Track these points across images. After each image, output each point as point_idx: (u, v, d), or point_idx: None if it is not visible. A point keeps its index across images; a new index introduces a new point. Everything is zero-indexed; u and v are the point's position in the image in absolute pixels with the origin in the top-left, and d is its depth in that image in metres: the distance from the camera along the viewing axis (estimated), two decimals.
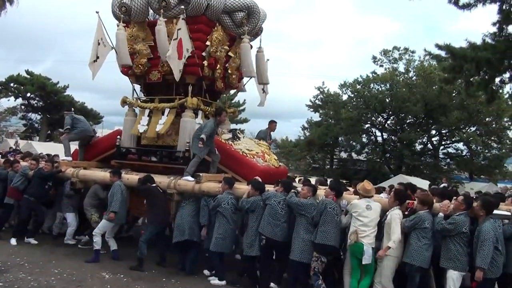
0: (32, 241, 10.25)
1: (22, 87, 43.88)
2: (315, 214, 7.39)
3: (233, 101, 37.18)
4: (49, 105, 44.89)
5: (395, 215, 7.10)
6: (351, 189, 8.71)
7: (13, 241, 10.01)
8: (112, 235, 9.45)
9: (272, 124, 12.38)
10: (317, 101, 38.17)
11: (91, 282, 7.79)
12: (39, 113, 46.83)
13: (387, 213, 7.26)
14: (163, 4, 9.53)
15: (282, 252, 7.85)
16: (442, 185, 16.21)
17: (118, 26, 10.03)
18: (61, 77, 62.03)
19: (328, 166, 40.18)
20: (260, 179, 8.57)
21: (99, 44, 10.34)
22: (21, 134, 46.94)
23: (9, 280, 7.57)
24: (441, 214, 7.13)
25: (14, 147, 26.49)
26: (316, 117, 39.20)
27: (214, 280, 8.17)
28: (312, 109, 38.43)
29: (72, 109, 12.04)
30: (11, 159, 11.90)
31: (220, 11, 9.96)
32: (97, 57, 10.28)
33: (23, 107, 45.93)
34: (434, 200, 7.53)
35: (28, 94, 44.83)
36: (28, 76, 44.39)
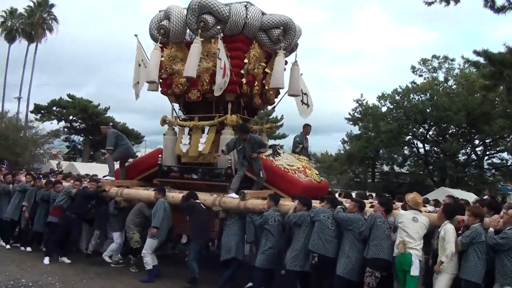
0: (66, 260, 10.36)
1: (64, 111, 45.28)
2: (364, 229, 7.27)
3: (270, 117, 37.24)
4: (91, 126, 46.00)
5: (449, 229, 6.89)
6: (397, 203, 8.56)
7: (46, 260, 10.14)
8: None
9: (307, 128, 12.36)
10: (356, 114, 37.93)
11: None
12: (82, 135, 48.25)
13: (439, 229, 7.07)
14: (201, 24, 9.71)
15: (334, 270, 7.57)
16: (485, 197, 15.68)
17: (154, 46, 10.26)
18: (103, 100, 63.74)
19: (370, 180, 39.70)
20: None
21: (139, 66, 10.62)
22: (64, 155, 48.11)
23: None
24: (491, 229, 6.83)
25: (56, 168, 27.12)
26: (355, 130, 38.99)
27: None
28: (351, 122, 38.20)
29: (111, 123, 12.13)
30: (53, 179, 12.17)
31: (257, 29, 10.06)
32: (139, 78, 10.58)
33: (65, 129, 47.29)
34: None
35: (71, 117, 46.15)
36: (70, 100, 45.81)
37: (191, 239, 9.34)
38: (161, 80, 10.77)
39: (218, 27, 9.66)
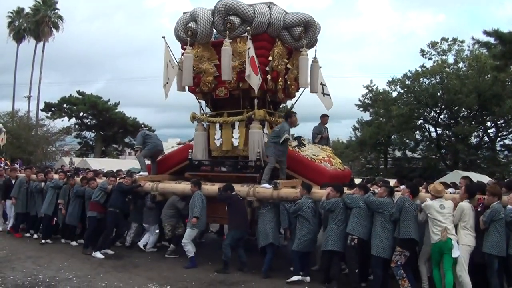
0: (109, 251, 10.87)
1: (74, 107, 46.16)
2: (394, 211, 7.85)
3: (280, 107, 37.36)
4: (101, 122, 46.87)
5: (463, 207, 7.64)
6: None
7: (99, 254, 10.54)
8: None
9: (324, 118, 12.98)
10: (366, 100, 37.96)
11: None
12: (93, 130, 48.99)
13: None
14: (228, 25, 10.22)
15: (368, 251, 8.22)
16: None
17: (185, 49, 10.74)
18: (112, 95, 64.18)
19: (382, 166, 39.83)
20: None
21: (167, 66, 11.09)
22: (76, 152, 48.75)
23: None
24: (509, 207, 7.47)
25: (69, 165, 27.60)
26: (366, 116, 39.12)
27: (292, 278, 8.75)
28: (361, 109, 38.29)
29: (143, 125, 12.51)
30: (87, 176, 12.73)
31: (281, 27, 10.52)
32: (168, 79, 11.13)
33: (77, 126, 48.15)
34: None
35: (81, 114, 47.02)
36: (80, 96, 46.56)
37: (230, 228, 9.86)
38: None
39: (248, 27, 10.10)
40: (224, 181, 10.28)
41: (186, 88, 11.43)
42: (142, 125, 12.25)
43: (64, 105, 46.51)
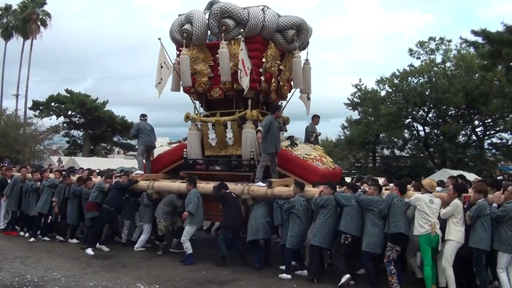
0: (104, 248, 11.09)
1: (63, 106, 45.60)
2: (383, 208, 8.19)
3: None
4: (90, 121, 46.53)
5: (456, 204, 7.89)
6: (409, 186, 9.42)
7: (90, 251, 10.72)
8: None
9: (316, 119, 13.36)
10: (355, 99, 38.18)
11: None
12: (81, 129, 48.59)
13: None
14: (223, 28, 10.43)
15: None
16: (498, 178, 16.23)
17: (180, 51, 10.98)
18: (100, 94, 63.87)
19: (371, 164, 40.12)
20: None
21: (162, 67, 11.31)
22: (64, 150, 48.45)
23: None
24: (494, 205, 7.84)
25: (57, 164, 27.52)
26: (355, 115, 39.36)
27: (282, 275, 9.00)
28: (350, 108, 38.51)
29: (141, 113, 12.50)
30: (83, 175, 12.89)
31: (274, 30, 10.75)
32: (161, 79, 11.37)
33: (65, 125, 47.53)
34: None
35: (69, 112, 46.51)
36: (68, 95, 46.15)
37: (224, 226, 10.10)
38: None
39: (242, 30, 10.33)
40: (219, 179, 10.50)
41: (181, 88, 11.66)
42: (141, 114, 12.24)
43: (52, 104, 45.99)
